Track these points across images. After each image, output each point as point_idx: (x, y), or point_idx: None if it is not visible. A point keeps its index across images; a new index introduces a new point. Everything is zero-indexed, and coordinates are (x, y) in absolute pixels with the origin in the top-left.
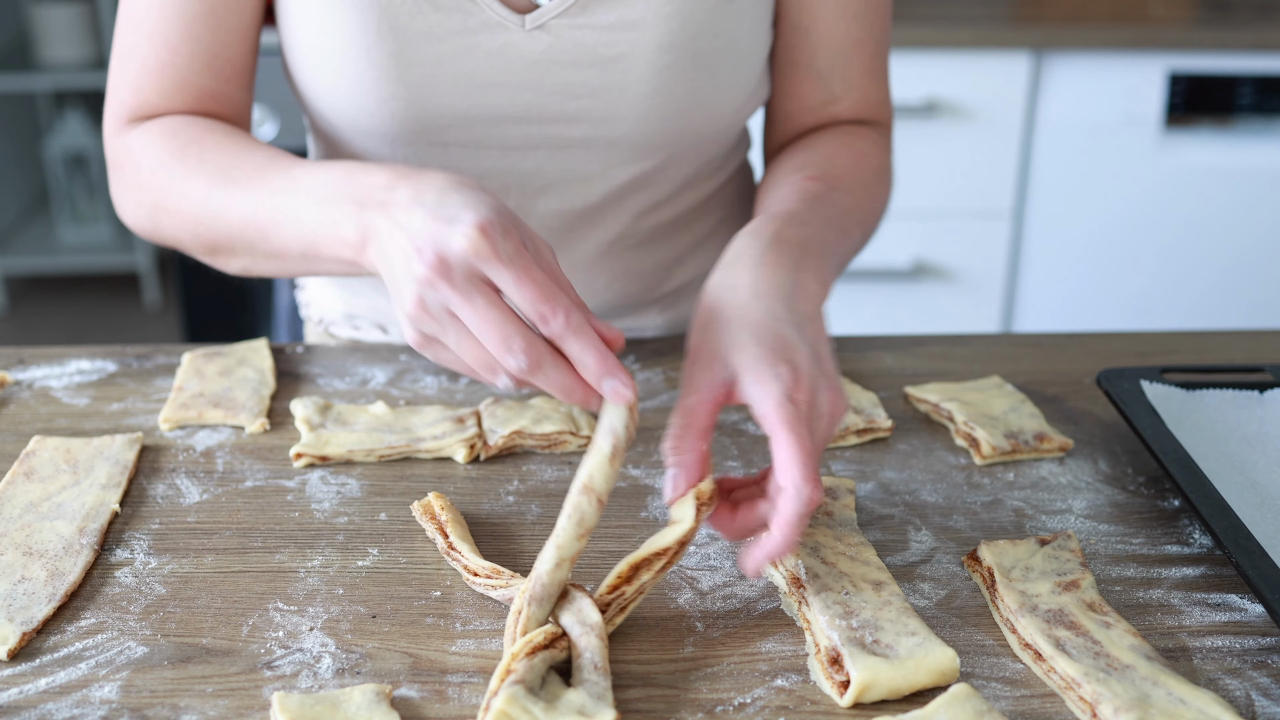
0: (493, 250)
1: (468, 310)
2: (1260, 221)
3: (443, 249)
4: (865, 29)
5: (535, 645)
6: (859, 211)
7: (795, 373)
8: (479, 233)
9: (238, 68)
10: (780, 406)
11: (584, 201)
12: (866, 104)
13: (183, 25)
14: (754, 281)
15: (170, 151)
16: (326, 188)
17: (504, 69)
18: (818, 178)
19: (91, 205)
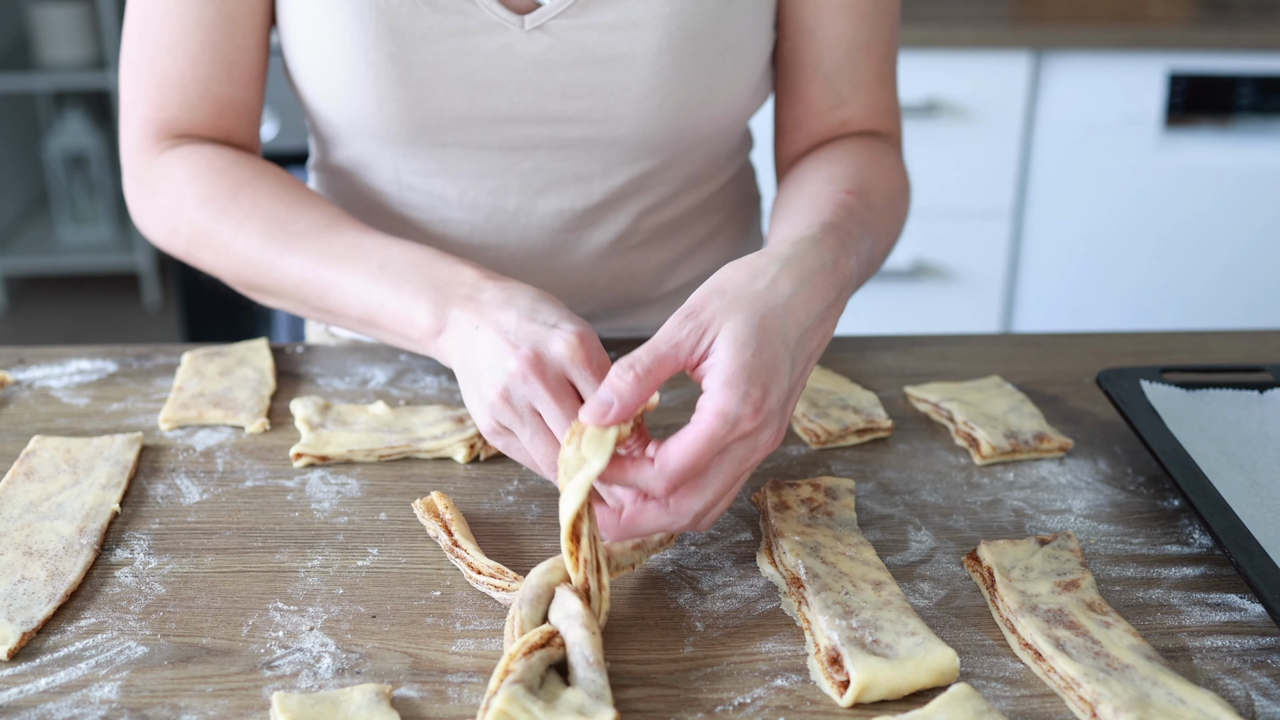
0: (588, 359)
1: (554, 410)
2: (1260, 221)
3: (541, 348)
4: (874, 30)
5: (532, 645)
6: (886, 235)
7: (761, 402)
8: (579, 340)
9: (255, 73)
10: (721, 417)
11: (584, 201)
12: (875, 110)
13: (202, 34)
14: (792, 295)
15: (220, 191)
16: (403, 267)
17: (503, 70)
18: (854, 193)
19: (91, 205)
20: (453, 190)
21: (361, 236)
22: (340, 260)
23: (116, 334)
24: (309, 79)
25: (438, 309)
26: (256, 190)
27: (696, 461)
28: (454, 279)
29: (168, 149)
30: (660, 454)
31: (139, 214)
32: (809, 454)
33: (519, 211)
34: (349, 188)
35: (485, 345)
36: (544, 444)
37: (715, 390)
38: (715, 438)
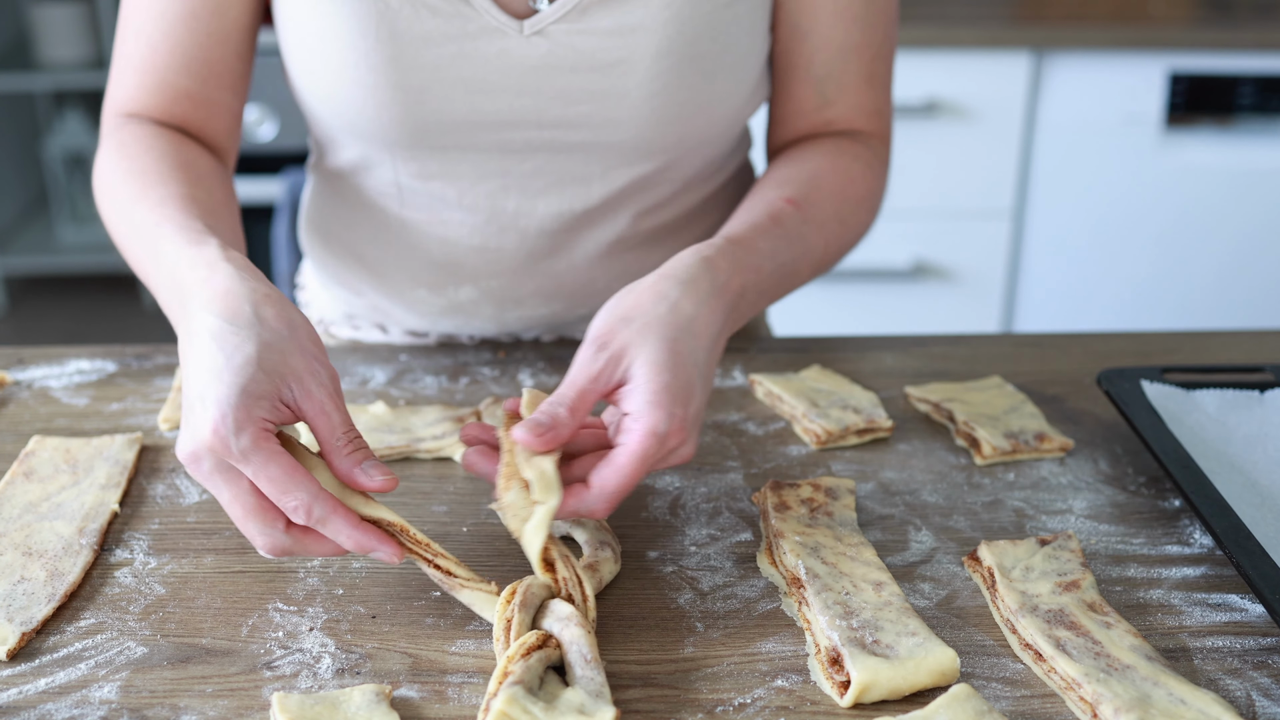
0: (226, 449)
1: (219, 499)
2: (1260, 221)
3: (193, 442)
4: (864, 33)
5: (530, 646)
6: (823, 250)
7: (683, 420)
8: (212, 433)
9: (218, 70)
10: (652, 437)
11: (584, 203)
12: (861, 111)
13: (164, 25)
14: (694, 316)
15: (111, 164)
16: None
17: (502, 74)
18: (794, 201)
19: (91, 205)
20: (452, 192)
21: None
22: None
23: (116, 334)
24: (308, 83)
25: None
26: (131, 166)
27: (631, 480)
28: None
29: (116, 126)
30: (597, 478)
31: None
32: (809, 454)
33: (518, 213)
34: (349, 190)
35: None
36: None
37: (641, 412)
38: (648, 456)
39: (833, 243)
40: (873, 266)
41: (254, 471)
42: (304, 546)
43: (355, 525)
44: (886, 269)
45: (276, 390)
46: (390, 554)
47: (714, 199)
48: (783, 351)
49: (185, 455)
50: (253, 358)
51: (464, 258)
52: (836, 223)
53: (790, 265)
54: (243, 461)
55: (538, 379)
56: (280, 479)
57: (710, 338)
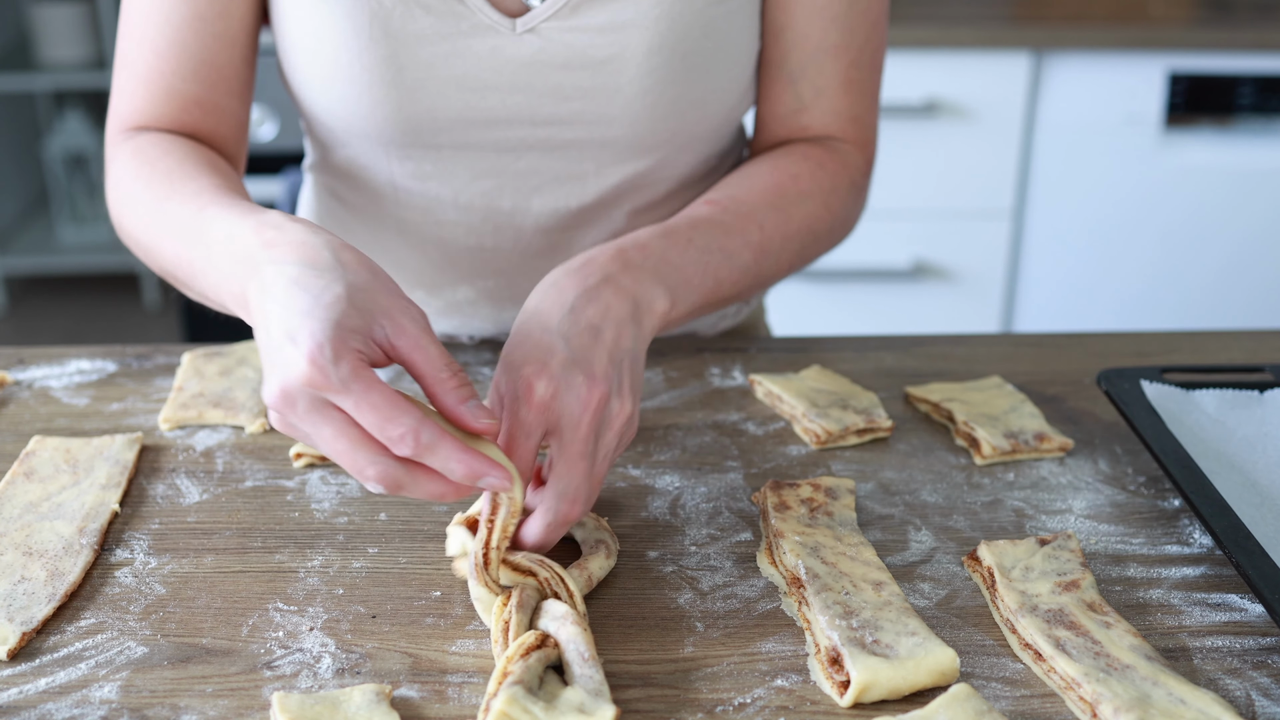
0: (325, 380)
1: (318, 439)
2: (1260, 221)
3: (285, 381)
4: (844, 35)
5: (528, 646)
6: (757, 233)
7: (541, 371)
8: (309, 364)
9: (226, 75)
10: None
11: (578, 201)
12: (837, 117)
13: (170, 32)
14: (541, 300)
15: (129, 172)
16: (219, 245)
17: (495, 72)
18: (712, 202)
19: (91, 205)
20: (447, 192)
21: (205, 210)
22: (191, 242)
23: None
24: (303, 82)
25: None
26: (154, 170)
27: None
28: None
29: (126, 140)
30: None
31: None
32: (809, 454)
33: (514, 212)
34: (345, 190)
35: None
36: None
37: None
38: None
39: (772, 228)
40: (873, 266)
41: (355, 402)
42: (414, 479)
43: (464, 450)
44: (886, 269)
45: (369, 327)
46: (501, 479)
47: None
48: (783, 351)
49: (276, 397)
50: (342, 295)
51: (460, 257)
52: (772, 211)
53: (707, 241)
54: (343, 392)
55: None
56: (384, 406)
57: (566, 302)
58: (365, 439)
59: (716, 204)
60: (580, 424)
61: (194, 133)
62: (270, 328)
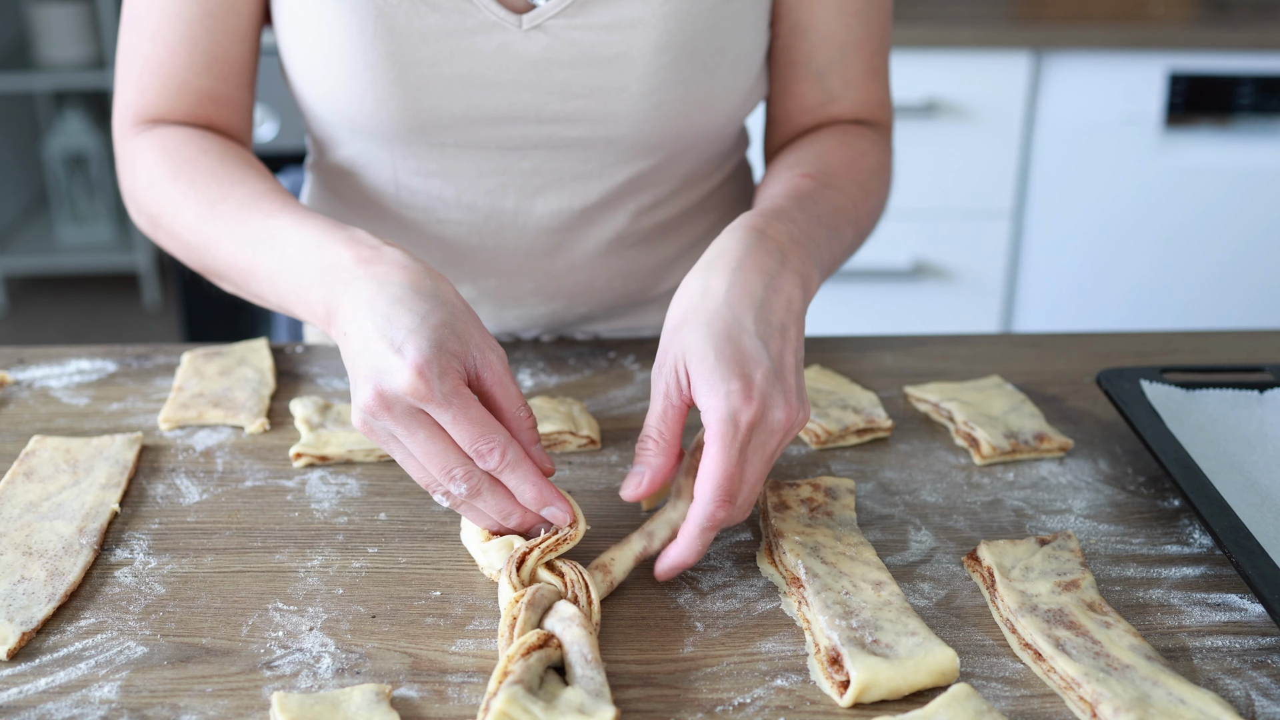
0: (429, 393)
1: (410, 441)
2: (1260, 221)
3: (383, 386)
4: (865, 27)
5: (530, 646)
6: (853, 209)
7: (748, 388)
8: (416, 375)
9: (237, 68)
10: (722, 422)
11: (583, 200)
12: (865, 104)
13: (181, 27)
14: (728, 287)
15: (164, 172)
16: (297, 254)
17: (501, 69)
18: (811, 175)
19: (91, 205)
20: (451, 190)
21: (273, 218)
22: (255, 245)
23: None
24: (306, 79)
25: (324, 298)
26: (196, 169)
27: (727, 472)
28: (336, 264)
29: (142, 132)
30: (696, 487)
31: (124, 198)
32: (809, 454)
33: (517, 211)
34: (347, 188)
35: (350, 359)
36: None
37: (705, 403)
38: (727, 440)
39: (860, 205)
40: (873, 266)
41: (454, 416)
42: (493, 491)
43: (540, 476)
44: (886, 269)
45: (465, 354)
46: (565, 512)
47: (712, 197)
48: None
49: (373, 400)
50: (446, 321)
51: (463, 256)
52: (856, 187)
53: (828, 220)
54: (444, 405)
55: (538, 379)
56: (481, 422)
57: (756, 295)
58: (454, 446)
59: (814, 178)
60: (770, 443)
61: (208, 125)
62: (370, 338)
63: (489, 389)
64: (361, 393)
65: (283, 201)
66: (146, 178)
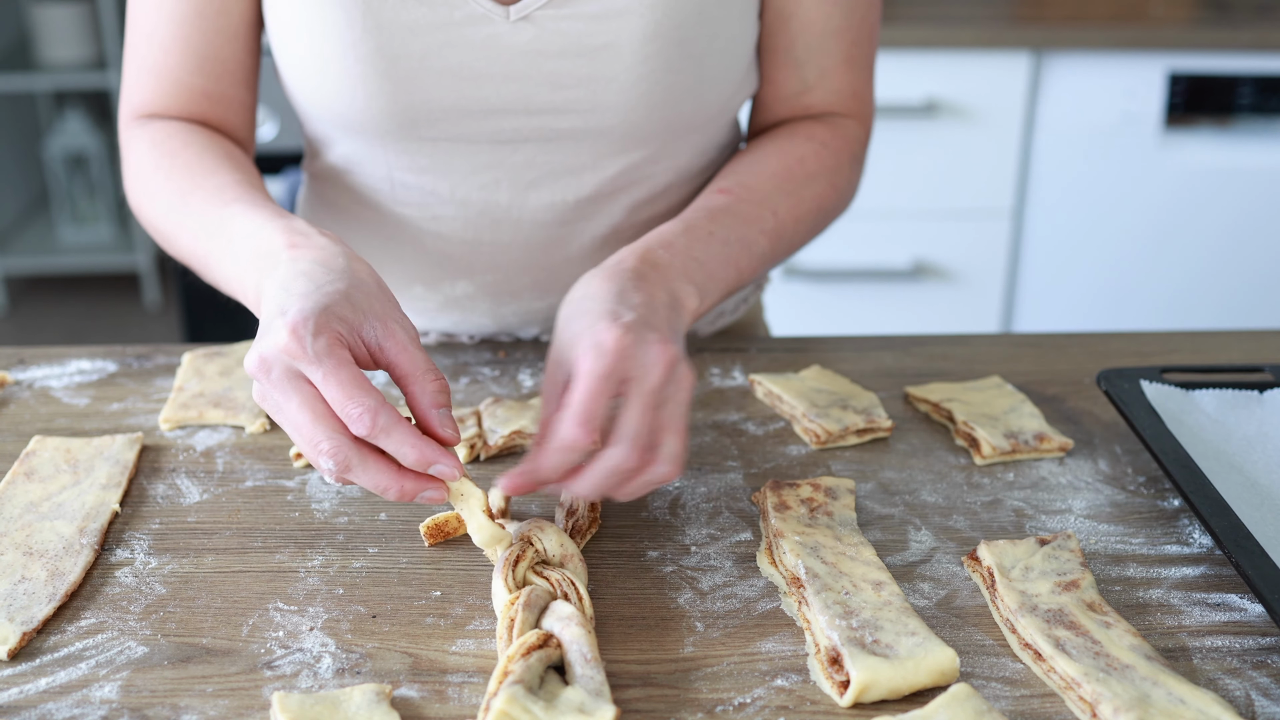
0: (300, 350)
1: (286, 409)
2: (1259, 221)
3: (263, 348)
4: (845, 17)
5: (530, 646)
6: (771, 220)
7: (614, 322)
8: (290, 332)
9: (230, 67)
10: (587, 349)
11: (576, 195)
12: (839, 95)
13: (173, 27)
14: (587, 290)
15: (149, 163)
16: (240, 239)
17: (490, 61)
18: (726, 190)
19: (91, 205)
20: (444, 186)
21: (228, 206)
22: (211, 234)
23: (116, 334)
24: (298, 78)
25: (257, 281)
26: (174, 162)
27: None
28: (270, 249)
29: (138, 126)
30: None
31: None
32: (809, 454)
33: (511, 206)
34: (343, 188)
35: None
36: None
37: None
38: (590, 365)
39: (785, 213)
40: (873, 266)
41: (324, 375)
42: (364, 463)
43: (418, 436)
44: (886, 269)
45: (359, 322)
46: (452, 467)
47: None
48: (783, 351)
49: (255, 361)
50: (342, 290)
51: (458, 252)
52: (783, 195)
53: (729, 234)
54: (315, 363)
55: (538, 379)
56: (349, 384)
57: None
58: (328, 414)
59: (730, 192)
60: (653, 373)
61: (204, 121)
62: (267, 306)
63: (393, 358)
64: (249, 357)
65: (241, 191)
66: (135, 169)
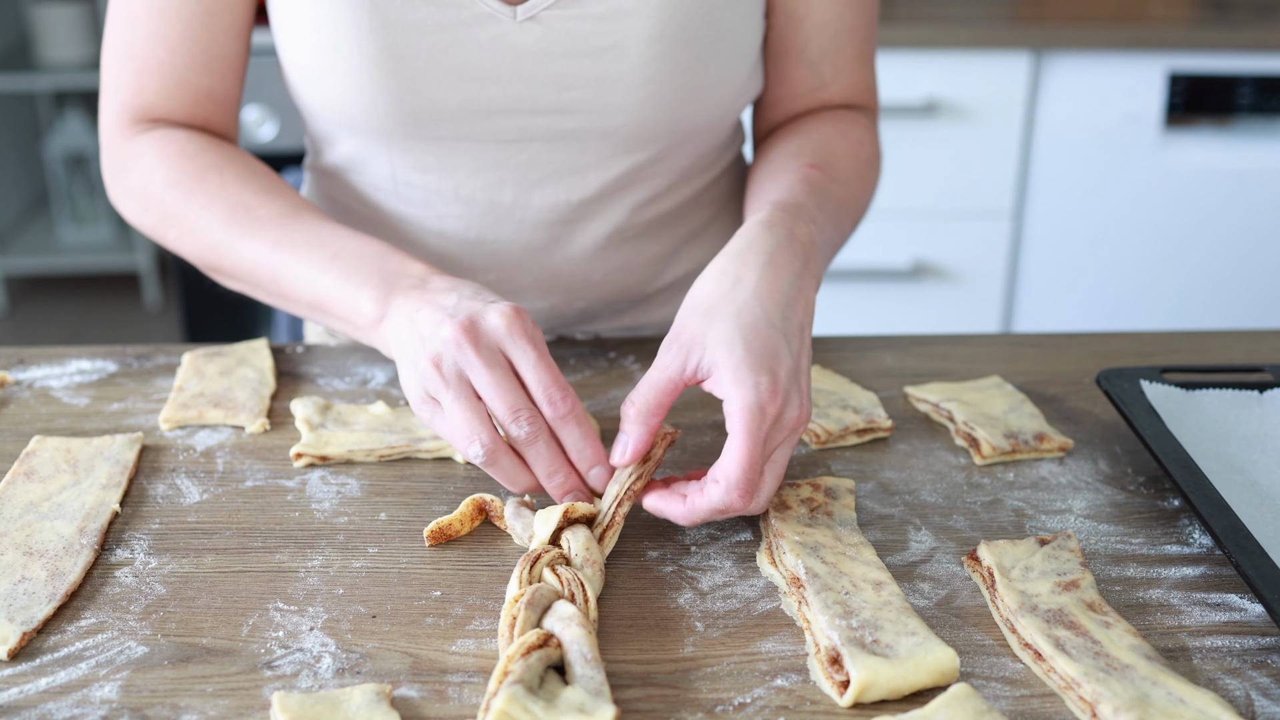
0: (524, 329)
1: (485, 375)
2: (1259, 221)
3: (477, 318)
4: (856, 15)
5: (530, 645)
6: (854, 203)
7: (774, 384)
8: (515, 312)
9: (233, 65)
10: (748, 412)
11: (580, 194)
12: (854, 89)
13: (180, 26)
14: (758, 281)
15: (187, 174)
16: (354, 258)
17: (496, 61)
18: (818, 165)
19: (91, 205)
20: (448, 185)
21: (320, 225)
22: (295, 246)
23: (116, 334)
24: (303, 77)
25: (382, 298)
26: (224, 175)
27: (753, 461)
28: (402, 271)
29: (142, 132)
30: (719, 472)
31: (112, 192)
32: (809, 454)
33: (515, 205)
34: (346, 186)
35: (424, 320)
36: (465, 410)
37: (730, 392)
38: (753, 431)
39: (859, 198)
40: (873, 266)
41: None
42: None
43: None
44: (886, 269)
45: None
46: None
47: (709, 191)
48: None
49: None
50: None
51: (461, 251)
52: (855, 179)
53: (835, 218)
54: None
55: None
56: (555, 370)
57: (783, 293)
58: (525, 391)
59: (822, 170)
60: (782, 439)
61: (206, 123)
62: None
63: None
64: (446, 328)
65: (324, 216)
66: (163, 179)
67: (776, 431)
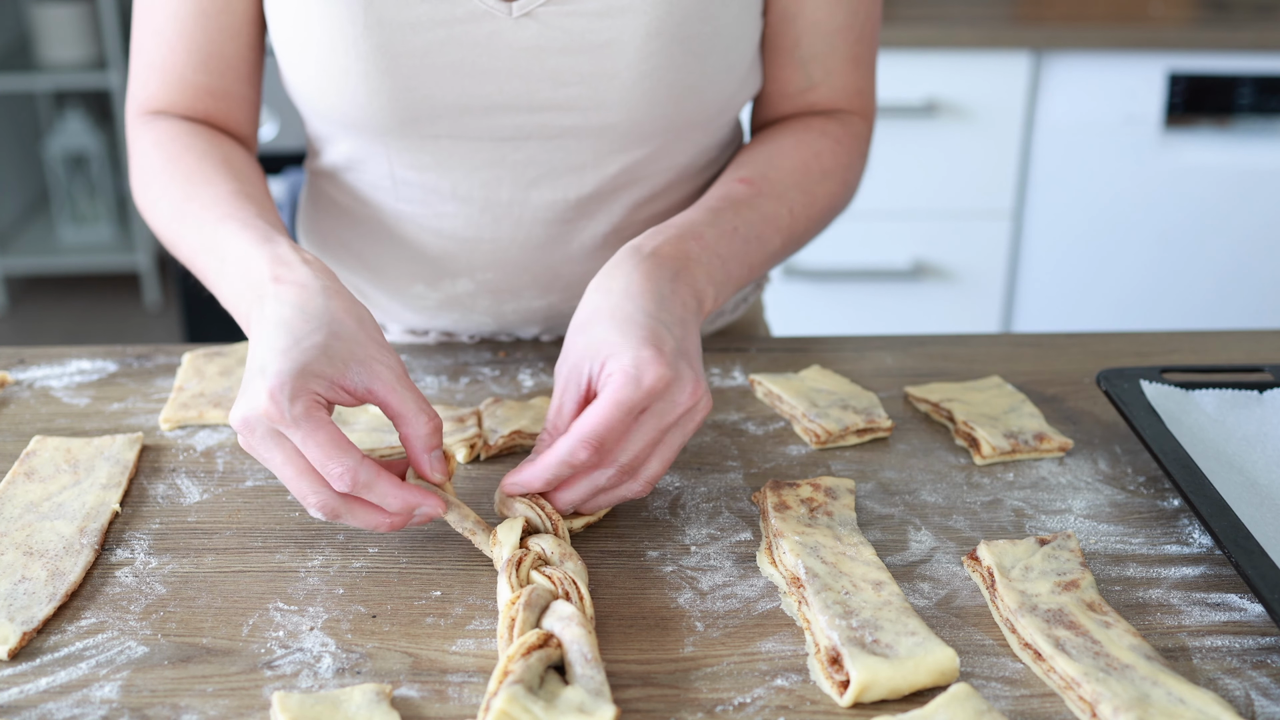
0: (280, 415)
1: (270, 464)
2: (1260, 221)
3: (247, 409)
4: (850, 15)
5: (530, 645)
6: (787, 216)
7: (657, 356)
8: (268, 398)
9: (233, 64)
10: (622, 374)
11: (577, 192)
12: (844, 92)
13: (177, 24)
14: (627, 286)
15: (152, 164)
16: (231, 264)
17: (492, 58)
18: (748, 180)
19: (91, 205)
20: (446, 183)
21: (221, 224)
22: (205, 251)
23: (116, 334)
24: (300, 77)
25: (246, 312)
26: (176, 166)
27: (606, 420)
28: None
29: (145, 123)
30: (573, 425)
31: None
32: (809, 454)
33: (512, 203)
34: (345, 185)
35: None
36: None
37: (610, 368)
38: (622, 394)
39: (799, 210)
40: (873, 266)
41: (303, 437)
42: (351, 510)
43: (399, 486)
44: (886, 269)
45: (340, 375)
46: (435, 506)
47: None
48: (783, 351)
49: (239, 421)
50: (320, 344)
51: (459, 250)
52: (799, 192)
53: (750, 230)
54: (293, 427)
55: (538, 379)
56: (327, 445)
57: (655, 294)
58: (309, 470)
59: (752, 184)
60: (675, 410)
61: (208, 118)
62: (253, 357)
63: (382, 399)
64: (233, 414)
65: (235, 205)
66: (138, 169)
67: (665, 408)
